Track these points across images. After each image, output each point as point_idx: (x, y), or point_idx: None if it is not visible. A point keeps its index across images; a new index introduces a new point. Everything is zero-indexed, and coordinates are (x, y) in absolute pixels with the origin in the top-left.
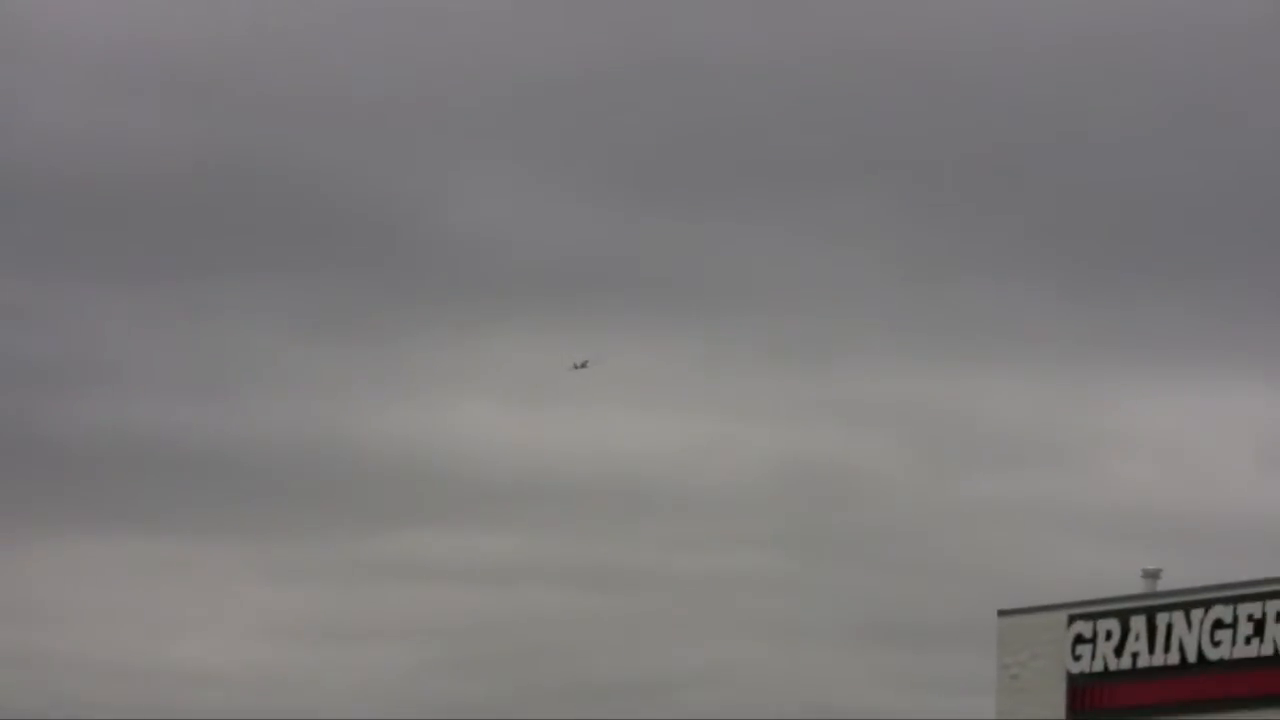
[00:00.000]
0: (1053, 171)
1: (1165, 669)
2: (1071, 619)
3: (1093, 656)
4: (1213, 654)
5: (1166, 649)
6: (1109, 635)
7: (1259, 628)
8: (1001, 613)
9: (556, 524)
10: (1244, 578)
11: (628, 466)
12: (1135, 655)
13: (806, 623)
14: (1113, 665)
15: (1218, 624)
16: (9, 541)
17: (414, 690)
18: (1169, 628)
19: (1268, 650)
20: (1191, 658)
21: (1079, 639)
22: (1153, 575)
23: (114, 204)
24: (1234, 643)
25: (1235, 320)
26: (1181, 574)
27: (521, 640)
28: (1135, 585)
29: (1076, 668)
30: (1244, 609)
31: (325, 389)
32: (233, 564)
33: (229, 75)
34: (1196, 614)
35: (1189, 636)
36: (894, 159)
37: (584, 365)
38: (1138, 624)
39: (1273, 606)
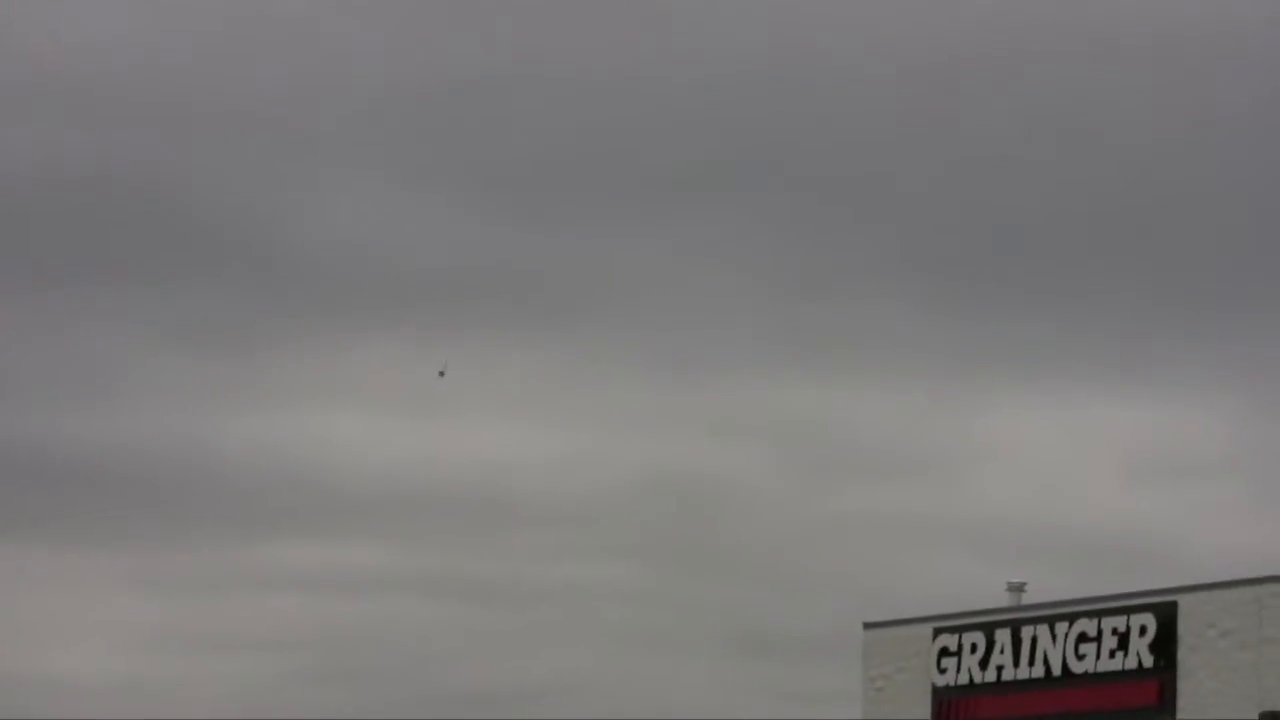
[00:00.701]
0: (924, 187)
1: (1030, 681)
2: (937, 632)
3: (958, 669)
4: (1077, 667)
5: (1031, 662)
6: (974, 648)
7: (1123, 641)
8: (867, 625)
9: (423, 535)
10: (1108, 591)
11: (495, 477)
12: (1000, 668)
13: (673, 634)
14: (978, 678)
15: (1082, 637)
16: None
17: (279, 699)
18: (1034, 640)
19: (1131, 664)
20: (1056, 670)
21: (944, 652)
22: (1017, 589)
23: None
24: (1098, 656)
25: (1100, 335)
26: (1046, 587)
27: (388, 650)
28: (1000, 599)
29: (942, 680)
30: (1108, 622)
31: (191, 399)
32: (100, 574)
33: (88, 83)
34: (1061, 627)
35: (1054, 650)
36: (766, 174)
37: (443, 373)
38: (1002, 637)
39: (1136, 620)
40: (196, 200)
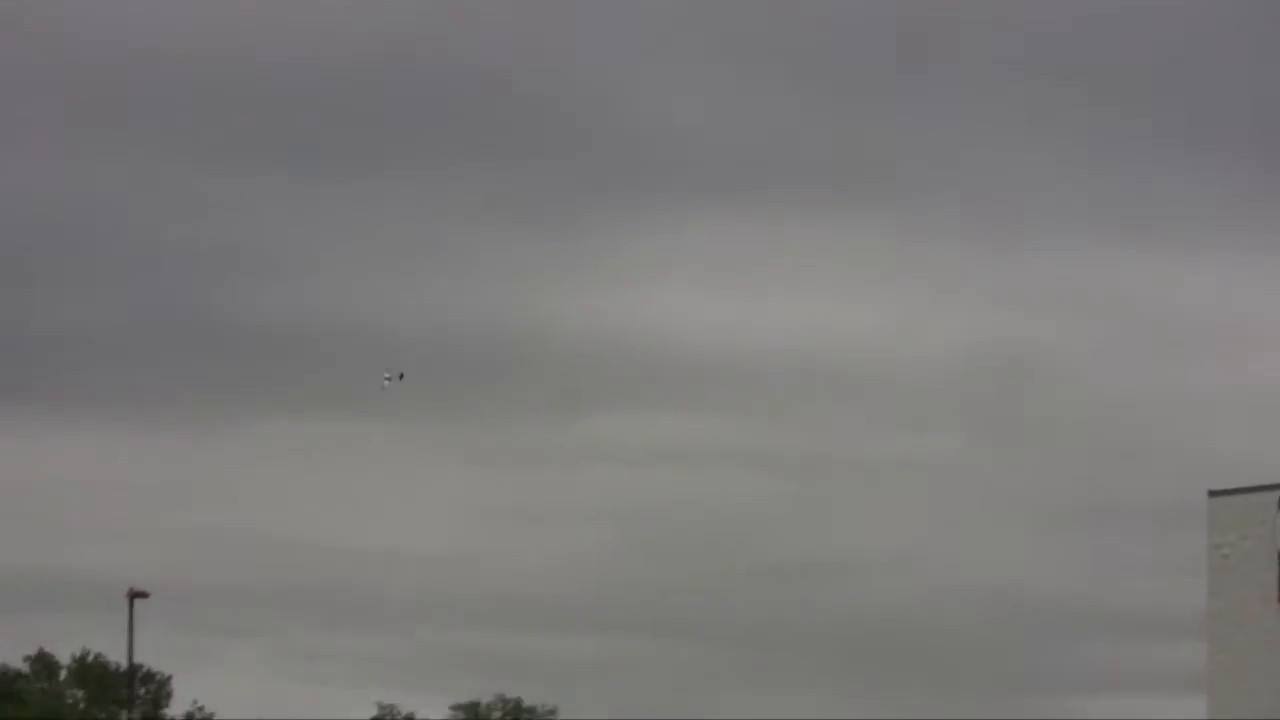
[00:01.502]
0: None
1: None
2: None
3: None
4: None
5: None
6: None
7: None
8: (1212, 493)
9: (748, 408)
10: None
11: (818, 349)
12: None
13: (999, 507)
14: None
15: None
16: (202, 427)
17: (609, 571)
18: None
19: None
20: None
21: None
22: None
23: (292, 96)
24: None
25: None
26: None
27: (712, 523)
28: None
29: None
30: None
31: (520, 276)
32: (424, 447)
33: None
34: None
35: None
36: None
37: (390, 379)
38: None
39: None
40: (531, 84)
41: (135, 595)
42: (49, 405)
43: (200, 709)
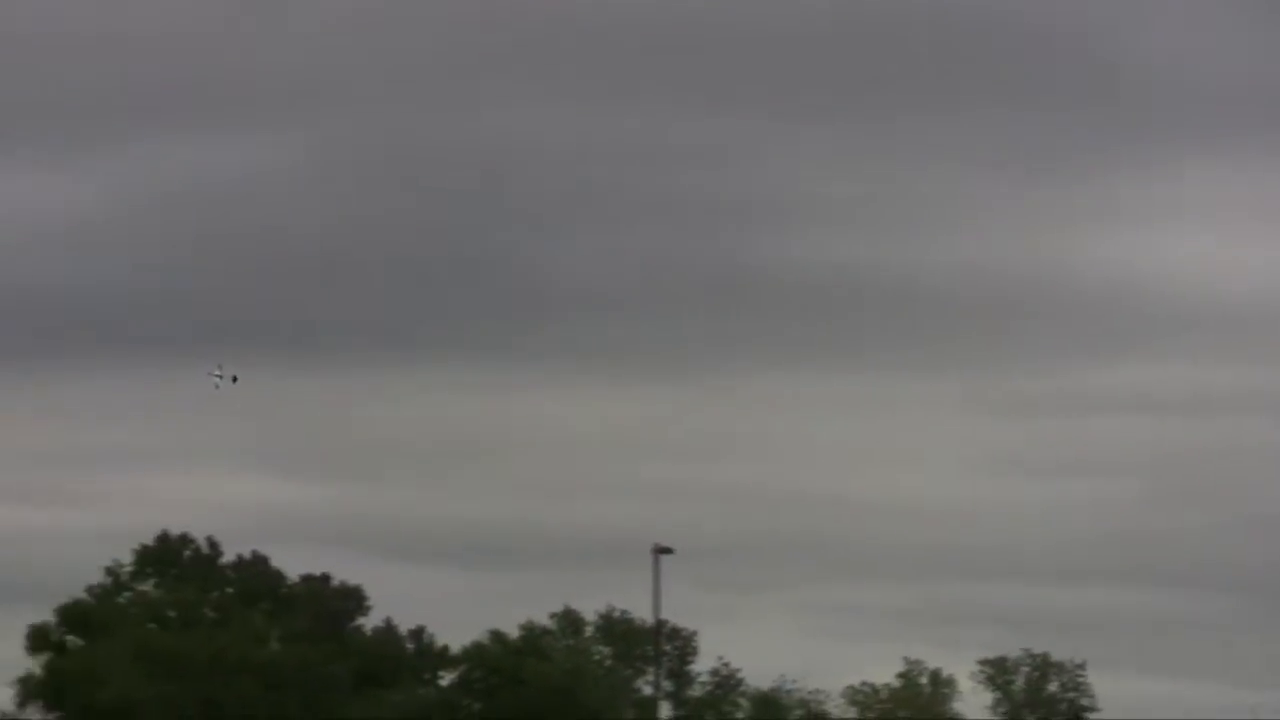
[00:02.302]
0: None
1: None
2: None
3: None
4: None
5: None
6: None
7: None
8: None
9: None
10: None
11: None
12: None
13: None
14: None
15: None
16: (718, 380)
17: (1120, 522)
18: None
19: None
20: None
21: None
22: None
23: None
24: None
25: None
26: None
27: (1234, 472)
28: None
29: None
30: None
31: (1033, 223)
32: (941, 398)
33: None
34: None
35: None
36: None
37: (220, 376)
38: None
39: None
40: (1070, 35)
41: (660, 551)
42: (570, 358)
43: (725, 665)
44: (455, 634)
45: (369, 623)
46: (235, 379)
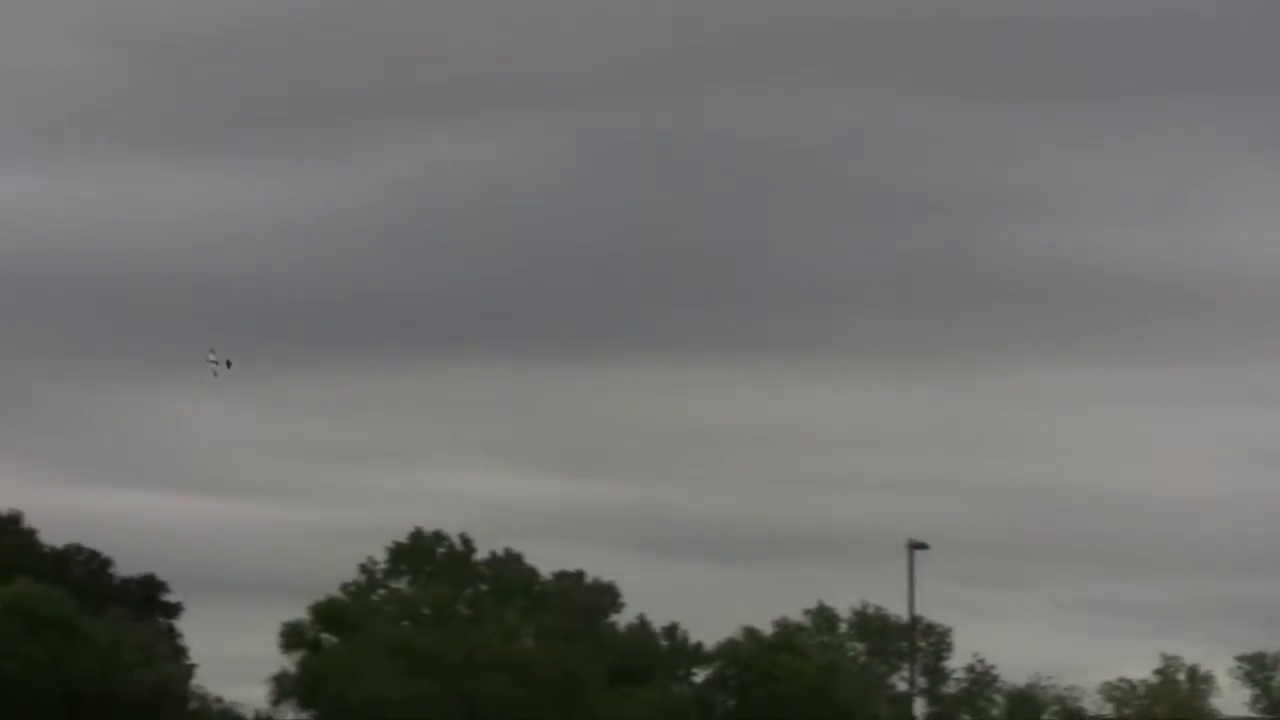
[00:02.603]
0: None
1: None
2: None
3: None
4: None
5: None
6: None
7: None
8: None
9: None
10: None
11: None
12: None
13: None
14: None
15: None
16: (976, 375)
17: None
18: None
19: None
20: None
21: None
22: None
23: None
24: None
25: None
26: None
27: None
28: None
29: None
30: None
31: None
32: (1201, 391)
33: None
34: None
35: None
36: None
37: (215, 362)
38: None
39: None
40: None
41: (915, 547)
42: (827, 356)
43: (980, 661)
44: (709, 631)
45: (622, 619)
46: (229, 364)
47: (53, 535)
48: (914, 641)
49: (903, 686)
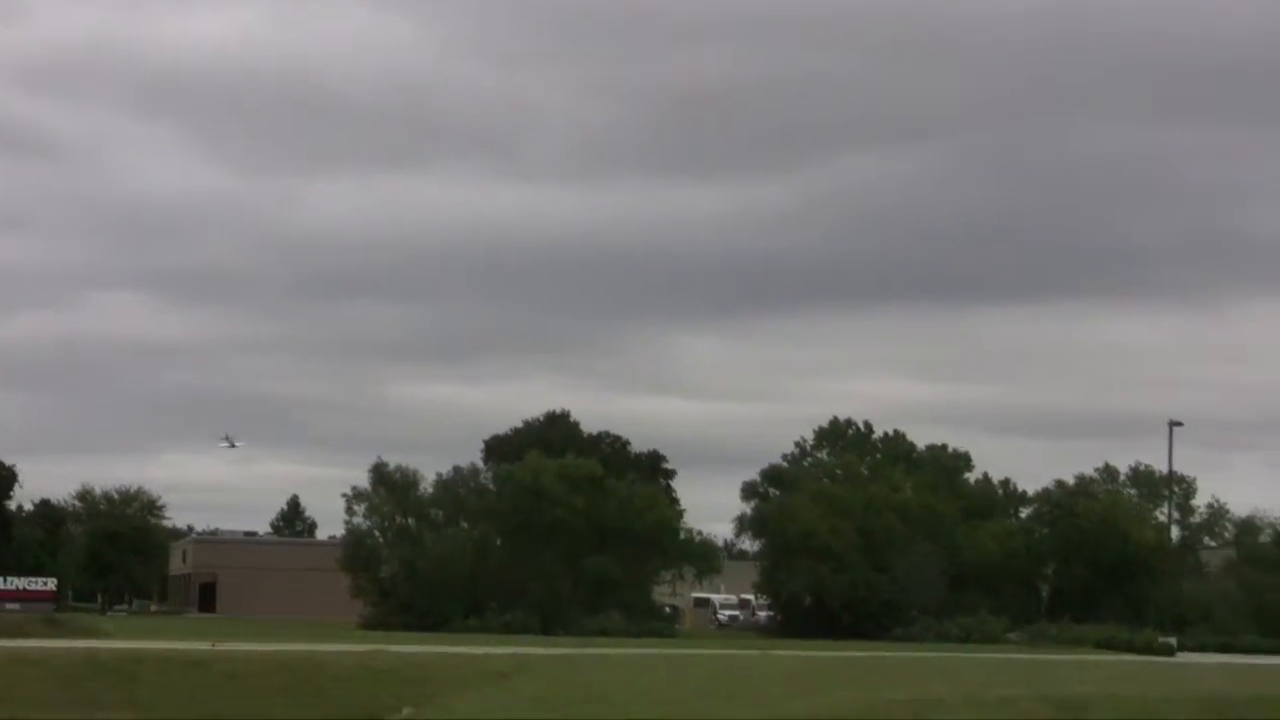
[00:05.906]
0: None
1: None
2: None
3: None
4: None
5: None
6: None
7: None
8: None
9: None
10: None
11: None
12: None
13: None
14: None
15: None
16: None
17: None
18: None
19: None
20: None
21: None
22: None
23: None
24: None
25: None
26: None
27: None
28: None
29: None
30: None
31: None
32: None
33: None
34: None
35: None
36: None
37: (230, 444)
38: None
39: None
40: None
41: (1174, 424)
42: (1121, 296)
43: (1217, 500)
44: (1031, 482)
45: (972, 476)
46: (234, 444)
47: (590, 425)
48: (1170, 488)
49: (1162, 518)
